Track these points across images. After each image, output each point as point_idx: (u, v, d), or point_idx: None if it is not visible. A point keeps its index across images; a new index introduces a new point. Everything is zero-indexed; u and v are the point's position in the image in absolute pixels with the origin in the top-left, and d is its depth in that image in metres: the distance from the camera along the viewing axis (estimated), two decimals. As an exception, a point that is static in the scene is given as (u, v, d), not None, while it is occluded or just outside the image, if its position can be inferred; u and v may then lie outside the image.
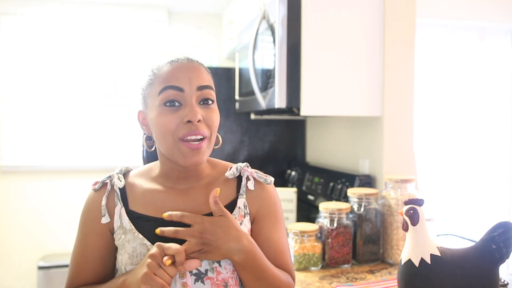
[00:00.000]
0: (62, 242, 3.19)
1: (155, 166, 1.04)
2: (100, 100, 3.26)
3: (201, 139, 0.92)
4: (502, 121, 3.18)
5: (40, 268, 3.00)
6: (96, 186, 1.00)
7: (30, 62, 3.15)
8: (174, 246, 0.85)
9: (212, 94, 0.96)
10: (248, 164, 1.04)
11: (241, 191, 1.00)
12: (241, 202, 0.99)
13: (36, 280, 3.07)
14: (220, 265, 0.92)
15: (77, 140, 3.23)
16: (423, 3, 2.38)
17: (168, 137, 0.92)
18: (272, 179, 1.04)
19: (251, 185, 1.00)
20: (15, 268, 3.15)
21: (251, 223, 1.01)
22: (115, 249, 0.98)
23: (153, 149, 1.02)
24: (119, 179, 1.00)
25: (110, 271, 1.00)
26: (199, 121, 0.91)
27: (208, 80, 0.96)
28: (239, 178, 1.02)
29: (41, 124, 3.18)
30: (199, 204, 0.97)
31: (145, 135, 1.02)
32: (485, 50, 3.12)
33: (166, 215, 0.90)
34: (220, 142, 1.03)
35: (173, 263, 0.84)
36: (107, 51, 3.25)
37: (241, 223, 0.97)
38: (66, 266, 3.00)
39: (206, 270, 0.91)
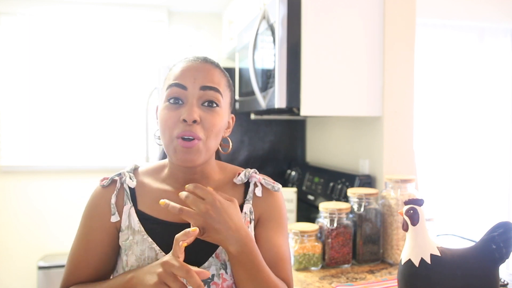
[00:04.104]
0: (62, 242, 3.19)
1: (164, 165, 1.02)
2: (100, 100, 3.26)
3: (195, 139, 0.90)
4: (502, 121, 3.18)
5: (40, 268, 2.99)
6: (105, 182, 0.98)
7: (30, 62, 3.15)
8: (185, 267, 0.81)
9: (217, 97, 0.93)
10: (256, 171, 1.05)
11: (247, 197, 1.01)
12: (247, 207, 1.00)
13: (36, 280, 3.07)
14: (226, 272, 0.93)
15: (77, 140, 3.23)
16: (423, 3, 2.37)
17: (166, 133, 0.91)
18: (280, 186, 1.04)
19: (258, 191, 1.01)
20: (15, 268, 3.15)
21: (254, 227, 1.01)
22: (118, 248, 0.97)
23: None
24: (131, 178, 0.98)
25: (109, 270, 0.98)
26: (195, 121, 0.89)
27: (217, 82, 0.94)
28: (246, 184, 1.03)
29: (41, 124, 3.18)
30: None
31: (157, 131, 1.00)
32: (485, 50, 3.11)
33: (163, 202, 0.86)
34: (230, 147, 1.03)
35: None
36: (107, 51, 3.25)
37: None
38: (66, 266, 2.99)
39: (213, 275, 0.92)
